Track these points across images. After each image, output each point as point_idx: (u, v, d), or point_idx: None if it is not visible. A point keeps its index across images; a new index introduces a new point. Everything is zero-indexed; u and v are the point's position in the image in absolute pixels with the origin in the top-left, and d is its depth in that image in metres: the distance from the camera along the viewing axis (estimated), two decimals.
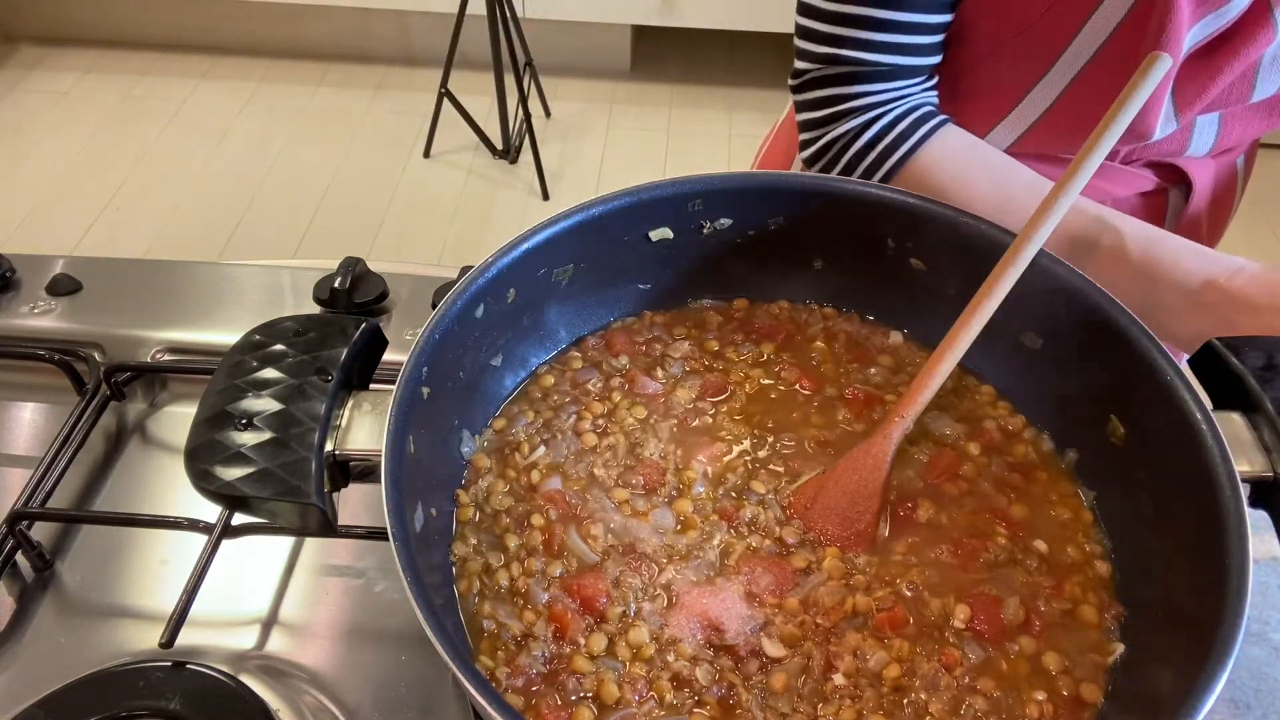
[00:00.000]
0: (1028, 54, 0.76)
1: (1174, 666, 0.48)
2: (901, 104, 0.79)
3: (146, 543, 0.70)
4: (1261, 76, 0.75)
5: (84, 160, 2.82)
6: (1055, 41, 0.74)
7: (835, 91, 0.79)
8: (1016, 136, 0.83)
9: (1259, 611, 0.67)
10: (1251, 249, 2.52)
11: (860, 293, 0.73)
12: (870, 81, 0.78)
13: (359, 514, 0.69)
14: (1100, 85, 0.73)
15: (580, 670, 0.54)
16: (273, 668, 0.64)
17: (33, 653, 0.64)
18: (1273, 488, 0.55)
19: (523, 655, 0.54)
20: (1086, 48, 0.73)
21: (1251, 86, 0.76)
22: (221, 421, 0.54)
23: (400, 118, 3.03)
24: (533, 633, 0.55)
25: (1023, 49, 0.76)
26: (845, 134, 0.79)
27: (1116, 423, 0.60)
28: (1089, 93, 0.75)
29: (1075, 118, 0.78)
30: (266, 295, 0.90)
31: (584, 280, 0.68)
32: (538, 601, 0.57)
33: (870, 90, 0.78)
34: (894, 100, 0.79)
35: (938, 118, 0.80)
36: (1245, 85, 0.76)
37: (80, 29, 3.23)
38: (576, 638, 0.55)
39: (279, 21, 3.19)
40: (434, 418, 0.58)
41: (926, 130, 0.78)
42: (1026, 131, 0.83)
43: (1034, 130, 0.82)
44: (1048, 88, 0.78)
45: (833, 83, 0.79)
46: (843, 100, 0.79)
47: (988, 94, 0.81)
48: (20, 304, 0.87)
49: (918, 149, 0.77)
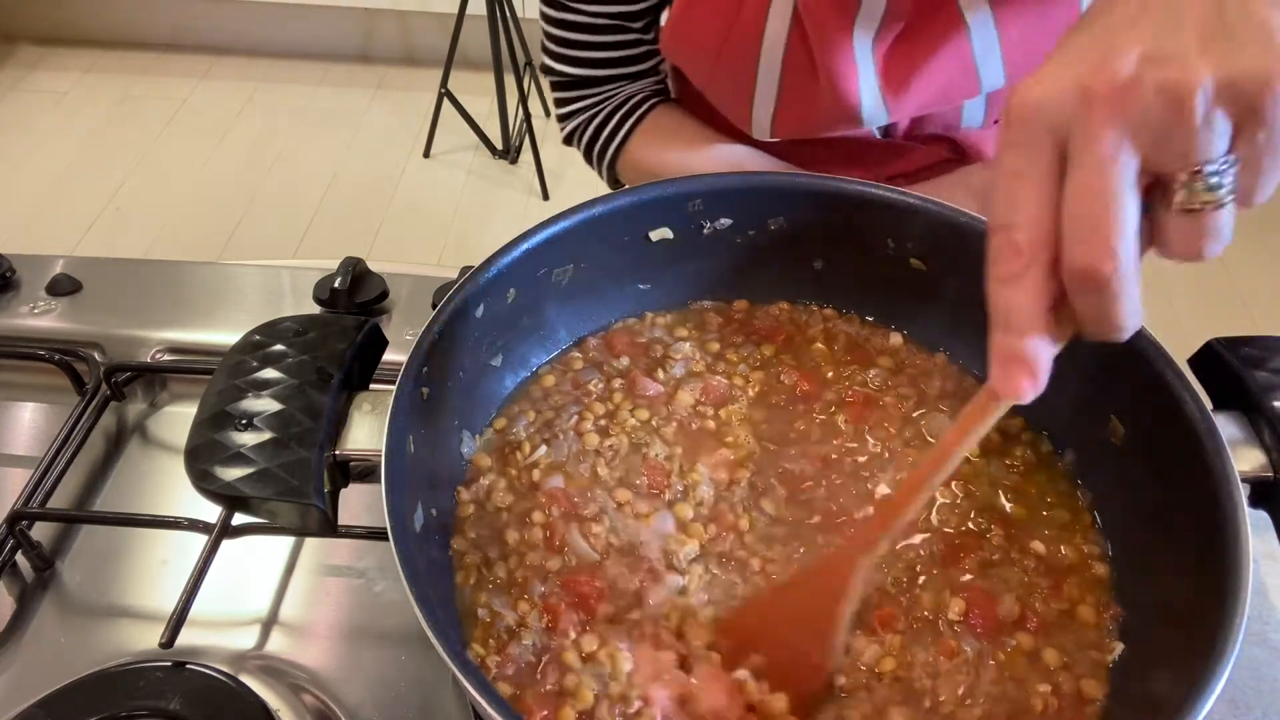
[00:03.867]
0: (734, 74, 0.82)
1: (1174, 666, 0.48)
2: (613, 100, 0.92)
3: (146, 543, 0.71)
4: (982, 66, 0.78)
5: (84, 160, 2.82)
6: (746, 61, 0.81)
7: (562, 95, 0.94)
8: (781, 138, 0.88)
9: (1259, 611, 0.67)
10: (1252, 249, 2.52)
11: (860, 293, 0.73)
12: (587, 86, 0.92)
13: (359, 514, 0.69)
14: (802, 88, 0.80)
15: (569, 665, 0.53)
16: (273, 668, 0.64)
17: (33, 653, 0.64)
18: (1273, 488, 0.55)
19: (513, 644, 0.54)
20: (774, 61, 0.80)
21: (976, 79, 0.78)
22: (221, 421, 0.54)
23: (400, 118, 3.03)
24: (526, 623, 0.55)
25: (725, 76, 0.83)
26: (576, 129, 0.94)
27: (1116, 423, 0.60)
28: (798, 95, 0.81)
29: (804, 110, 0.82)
30: (266, 295, 0.90)
31: (584, 280, 0.68)
32: (534, 594, 0.57)
33: (586, 94, 0.92)
34: (607, 99, 0.92)
35: (647, 104, 0.91)
36: (968, 78, 0.79)
37: (80, 29, 3.23)
38: (568, 630, 0.55)
39: (279, 21, 3.19)
40: (434, 418, 0.58)
41: (635, 118, 0.91)
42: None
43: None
44: (766, 99, 0.83)
45: (560, 88, 0.94)
46: (569, 103, 0.94)
47: (730, 108, 0.87)
48: (20, 304, 0.87)
49: (629, 136, 0.91)
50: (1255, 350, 0.59)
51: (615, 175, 0.96)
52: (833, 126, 0.82)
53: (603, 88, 0.92)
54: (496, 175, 2.84)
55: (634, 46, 0.89)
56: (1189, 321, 2.31)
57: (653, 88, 0.93)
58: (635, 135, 0.91)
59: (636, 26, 0.87)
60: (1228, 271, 2.49)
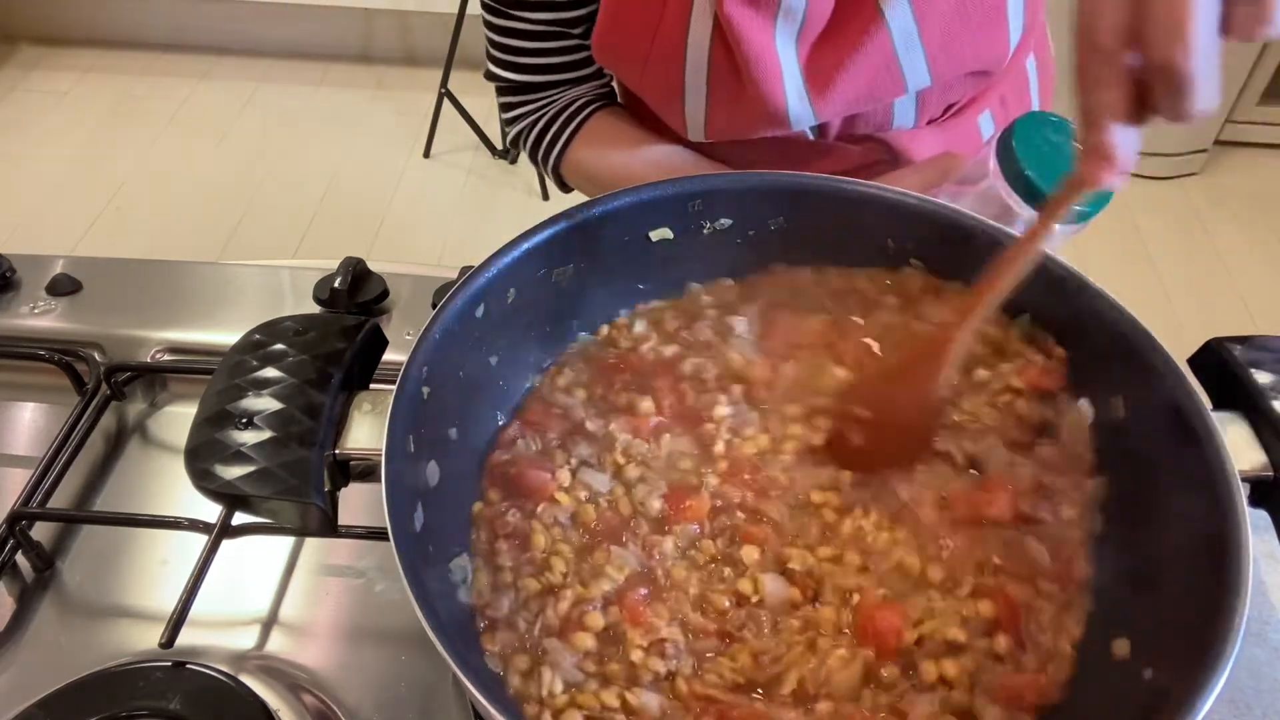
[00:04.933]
0: (663, 78, 0.82)
1: (1174, 666, 0.48)
2: (555, 105, 0.92)
3: (146, 543, 0.71)
4: (905, 62, 0.77)
5: (84, 160, 2.82)
6: (673, 65, 0.80)
7: (506, 100, 0.95)
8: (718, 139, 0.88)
9: (1259, 611, 0.67)
10: (1252, 249, 2.53)
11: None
12: (530, 91, 0.93)
13: (359, 514, 0.69)
14: (729, 90, 0.79)
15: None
16: (273, 668, 0.64)
17: (33, 653, 0.64)
18: (1273, 488, 0.55)
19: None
20: (699, 65, 0.79)
21: (900, 76, 0.78)
22: (222, 421, 0.54)
23: (400, 118, 3.03)
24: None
25: (655, 81, 0.83)
26: (521, 132, 0.95)
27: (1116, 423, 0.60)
28: (726, 98, 0.81)
29: (732, 112, 0.82)
30: (266, 295, 0.90)
31: (584, 280, 0.68)
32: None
33: (529, 100, 0.93)
34: (549, 103, 0.93)
35: (589, 108, 0.91)
36: (892, 75, 0.78)
37: (80, 29, 3.23)
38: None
39: (279, 21, 3.18)
40: (434, 418, 0.58)
41: (577, 124, 0.91)
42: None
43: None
44: (696, 102, 0.83)
45: (504, 93, 0.95)
46: (513, 108, 0.95)
47: (663, 111, 0.87)
48: (20, 304, 0.87)
49: (571, 140, 0.92)
50: (1255, 350, 0.59)
51: (561, 178, 0.97)
52: (762, 128, 0.82)
53: (545, 93, 0.92)
54: (496, 175, 2.84)
55: (574, 52, 0.89)
56: (1189, 321, 2.31)
57: (595, 92, 0.93)
58: (577, 139, 0.92)
59: (576, 33, 0.87)
60: (1228, 271, 2.49)
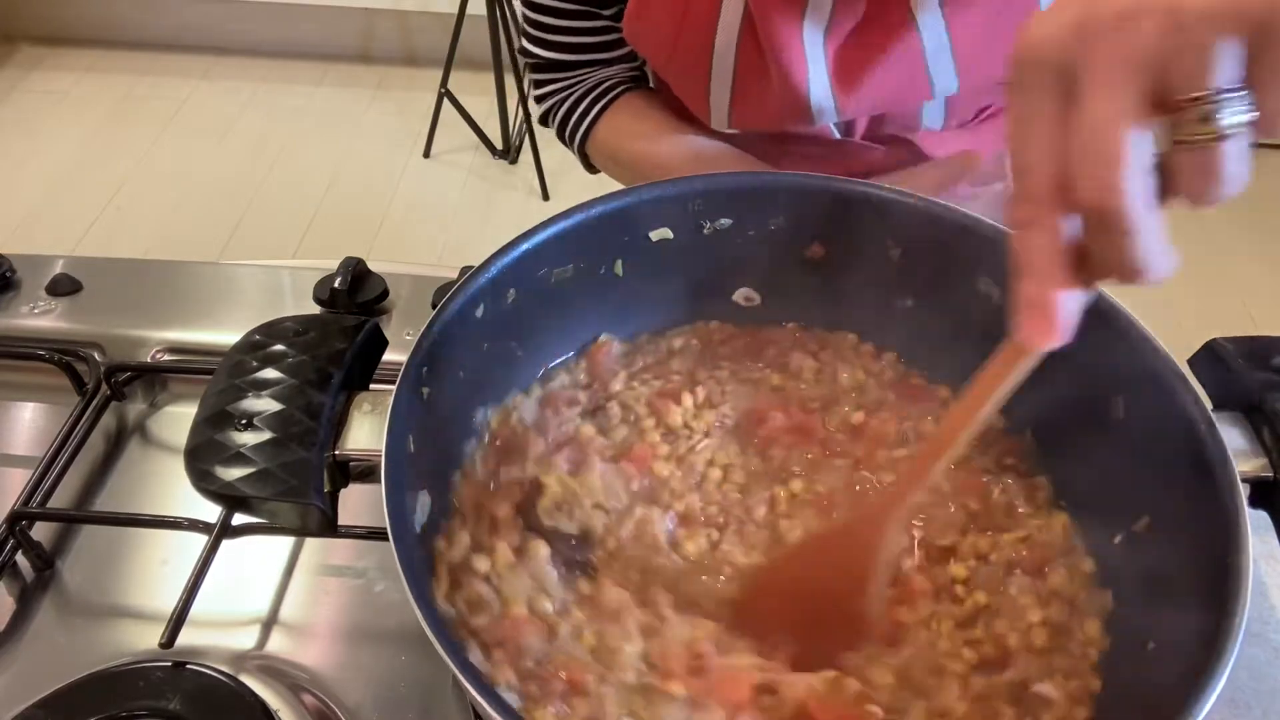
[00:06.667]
0: (690, 63, 0.82)
1: (1174, 667, 0.48)
2: (584, 84, 0.94)
3: (146, 543, 0.70)
4: (934, 68, 0.77)
5: (84, 160, 2.82)
6: (701, 50, 0.81)
7: (537, 77, 0.96)
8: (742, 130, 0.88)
9: (1259, 611, 0.67)
10: (1252, 249, 2.53)
11: (859, 293, 0.72)
12: (560, 70, 0.94)
13: (359, 514, 0.69)
14: (755, 79, 0.80)
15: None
16: (273, 668, 0.64)
17: (33, 653, 0.64)
18: (1273, 488, 0.55)
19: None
20: (727, 51, 0.79)
21: (928, 81, 0.78)
22: (221, 421, 0.54)
23: (400, 118, 3.03)
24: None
25: (681, 65, 0.84)
26: (550, 109, 0.97)
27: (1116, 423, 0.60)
28: (752, 87, 0.81)
29: (758, 102, 0.82)
30: (266, 295, 0.90)
31: (584, 281, 0.68)
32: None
33: (560, 77, 0.94)
34: (579, 82, 0.94)
35: (618, 89, 0.92)
36: (919, 79, 0.78)
37: (80, 29, 3.23)
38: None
39: (279, 21, 3.19)
40: (434, 418, 0.58)
41: (604, 104, 0.92)
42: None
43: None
44: (721, 89, 0.83)
45: (535, 69, 0.96)
46: (543, 84, 0.96)
47: (688, 97, 0.87)
48: (20, 304, 0.87)
49: (598, 120, 0.93)
50: (1255, 350, 0.59)
51: (586, 158, 0.99)
52: (786, 120, 0.82)
53: (575, 72, 0.94)
54: (496, 175, 2.84)
55: (605, 33, 0.90)
56: (1189, 321, 2.30)
57: (626, 73, 0.94)
58: (603, 120, 0.93)
59: (607, 14, 0.87)
60: (1228, 271, 2.49)
